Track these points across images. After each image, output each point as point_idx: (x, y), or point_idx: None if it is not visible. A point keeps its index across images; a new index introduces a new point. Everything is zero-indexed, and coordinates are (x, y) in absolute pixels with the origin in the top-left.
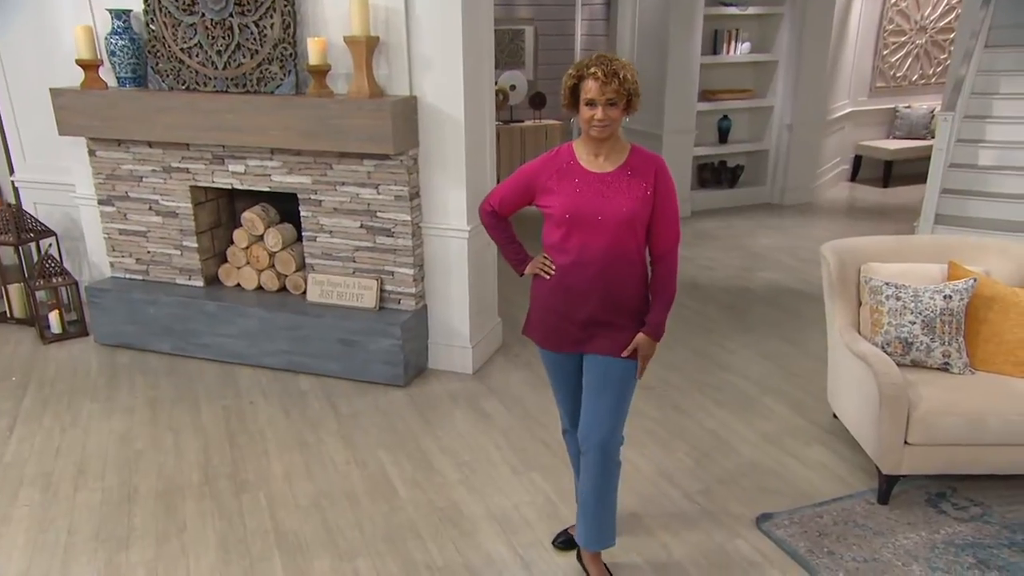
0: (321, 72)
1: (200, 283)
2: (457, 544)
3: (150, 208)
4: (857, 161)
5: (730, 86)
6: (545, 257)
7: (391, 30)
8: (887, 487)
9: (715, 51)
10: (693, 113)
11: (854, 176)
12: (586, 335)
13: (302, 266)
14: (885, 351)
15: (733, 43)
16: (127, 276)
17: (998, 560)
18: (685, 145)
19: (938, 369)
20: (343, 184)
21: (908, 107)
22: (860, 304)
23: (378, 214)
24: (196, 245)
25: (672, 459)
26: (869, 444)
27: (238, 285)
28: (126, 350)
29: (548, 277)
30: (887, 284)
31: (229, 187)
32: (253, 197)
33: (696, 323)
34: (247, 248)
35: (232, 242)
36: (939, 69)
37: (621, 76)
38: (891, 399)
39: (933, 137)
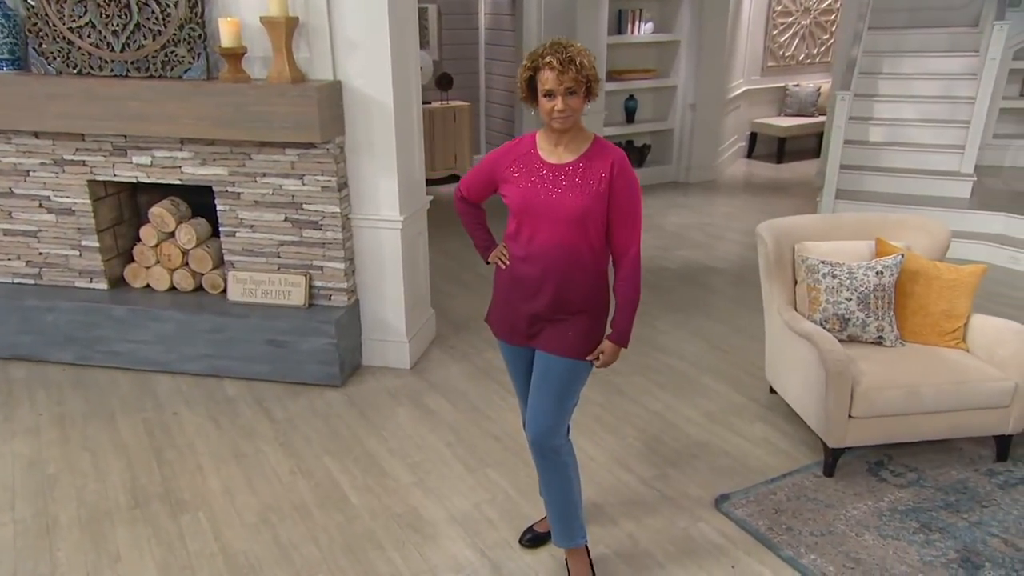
0: (236, 55)
1: (104, 285)
2: (421, 551)
3: (40, 205)
4: (753, 138)
5: (635, 66)
6: (504, 247)
7: (311, 11)
8: (833, 460)
9: (619, 31)
10: (601, 93)
11: (750, 153)
12: (535, 329)
13: (220, 263)
14: (823, 328)
15: (637, 23)
16: (15, 281)
17: (938, 522)
18: (595, 125)
19: (872, 343)
20: (264, 175)
21: (797, 85)
22: (796, 282)
23: (304, 206)
24: (97, 244)
25: (623, 445)
26: (814, 420)
27: (148, 286)
28: (21, 362)
29: (503, 267)
30: (823, 263)
31: (134, 181)
32: (160, 191)
33: None
34: (157, 246)
35: (139, 240)
36: (823, 49)
37: (578, 63)
38: (837, 376)
39: (821, 114)
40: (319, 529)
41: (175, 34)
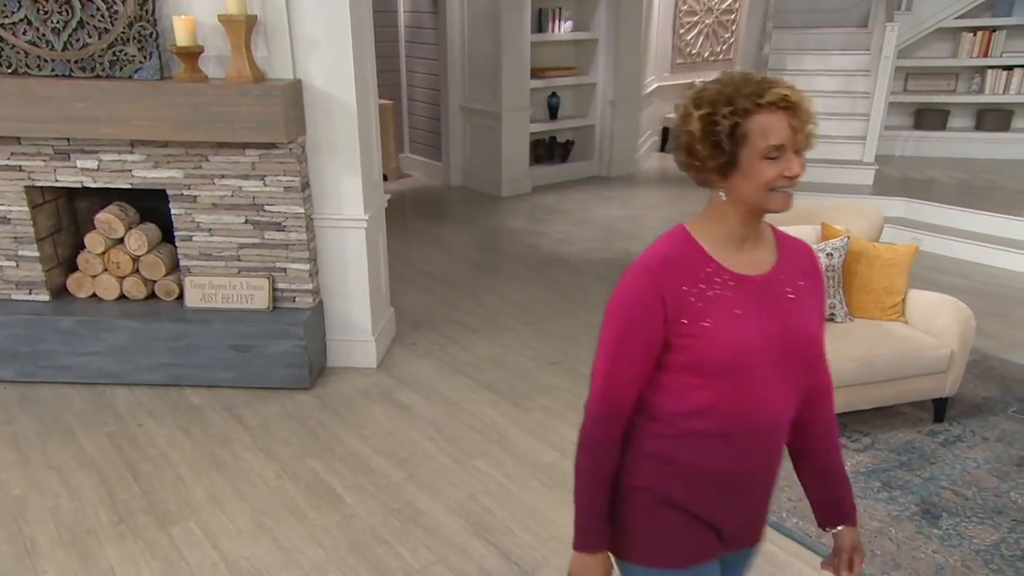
0: (192, 54)
1: (45, 297)
2: (427, 544)
3: None
4: (665, 133)
5: (556, 63)
6: (666, 441)
7: (270, 9)
8: None
9: (540, 29)
10: (527, 91)
11: (663, 147)
12: (739, 530)
13: (174, 269)
14: None
15: (557, 21)
16: None
17: (897, 480)
18: (522, 122)
19: (826, 320)
20: (222, 177)
21: (703, 82)
22: None
23: (266, 207)
24: (37, 254)
25: None
26: None
27: (94, 296)
28: None
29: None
30: None
31: (79, 186)
32: (102, 196)
33: (577, 296)
34: (104, 253)
35: (83, 247)
36: (725, 47)
37: (807, 103)
38: None
39: None
40: (319, 530)
41: (124, 32)
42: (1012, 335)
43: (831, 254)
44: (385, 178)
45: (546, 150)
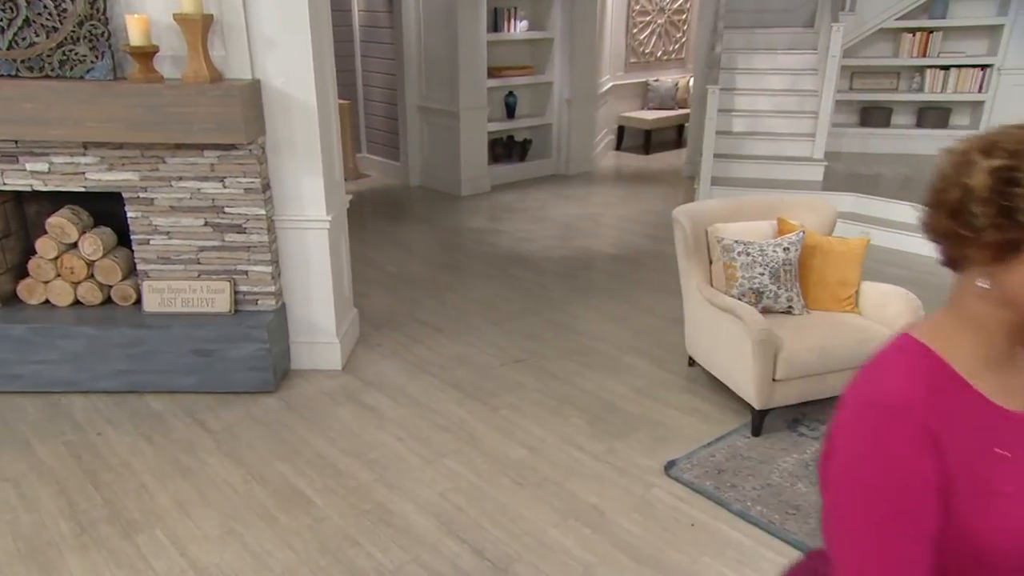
0: (146, 54)
1: None
2: (399, 543)
3: None
4: (621, 131)
5: (512, 63)
6: None
7: (226, 7)
8: (760, 421)
9: (496, 29)
10: (484, 90)
11: (619, 145)
12: None
13: (130, 273)
14: (741, 301)
15: (512, 21)
16: None
17: None
18: (480, 121)
19: (784, 313)
20: (180, 179)
21: (657, 81)
22: (711, 262)
23: (226, 209)
24: None
25: (569, 425)
26: (742, 386)
27: (47, 302)
28: None
29: None
30: (737, 242)
31: (28, 189)
32: (51, 199)
33: (538, 294)
34: (56, 259)
35: (34, 253)
36: (677, 47)
37: None
38: (762, 344)
39: (680, 107)
40: (289, 533)
41: (74, 31)
42: None
43: (787, 248)
44: (344, 179)
45: (504, 149)
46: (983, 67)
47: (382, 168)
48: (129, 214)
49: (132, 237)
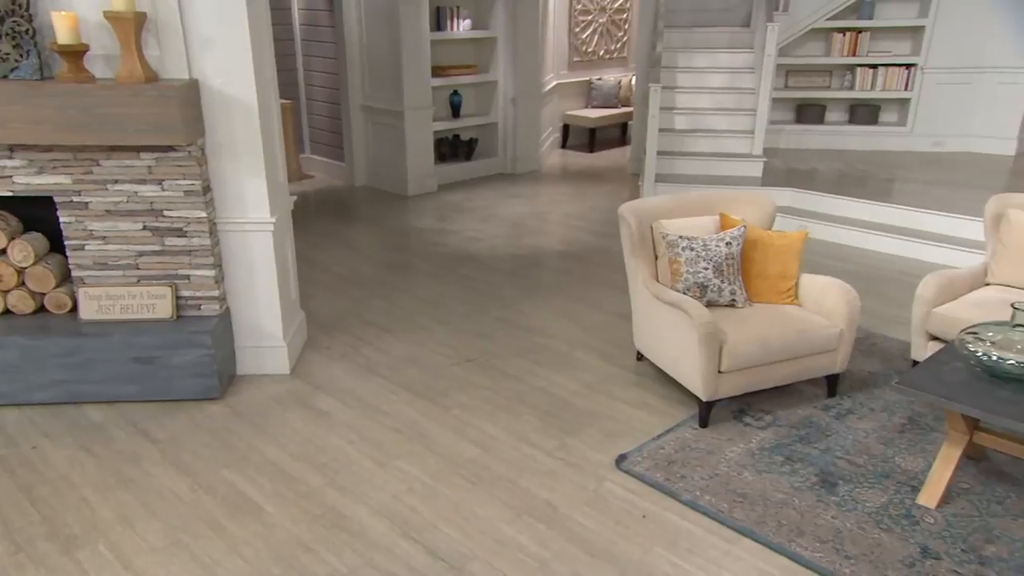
0: (75, 53)
1: None
2: (353, 547)
3: None
4: (566, 130)
5: (456, 62)
6: None
7: (160, 6)
8: (706, 413)
9: (439, 28)
10: (429, 89)
11: (564, 143)
12: None
13: (65, 280)
14: (686, 296)
15: (455, 20)
16: None
17: (797, 454)
18: (425, 121)
19: (727, 306)
20: (115, 182)
21: (600, 79)
22: (656, 257)
23: (165, 213)
24: None
25: (521, 422)
26: (688, 378)
27: None
28: None
29: None
30: (681, 237)
31: None
32: None
33: (488, 293)
34: None
35: None
36: (619, 45)
37: None
38: (707, 337)
39: (624, 105)
40: (239, 542)
41: None
42: (890, 313)
43: (729, 243)
44: (287, 179)
45: (450, 148)
46: (908, 66)
47: (327, 168)
48: (62, 219)
49: (66, 243)
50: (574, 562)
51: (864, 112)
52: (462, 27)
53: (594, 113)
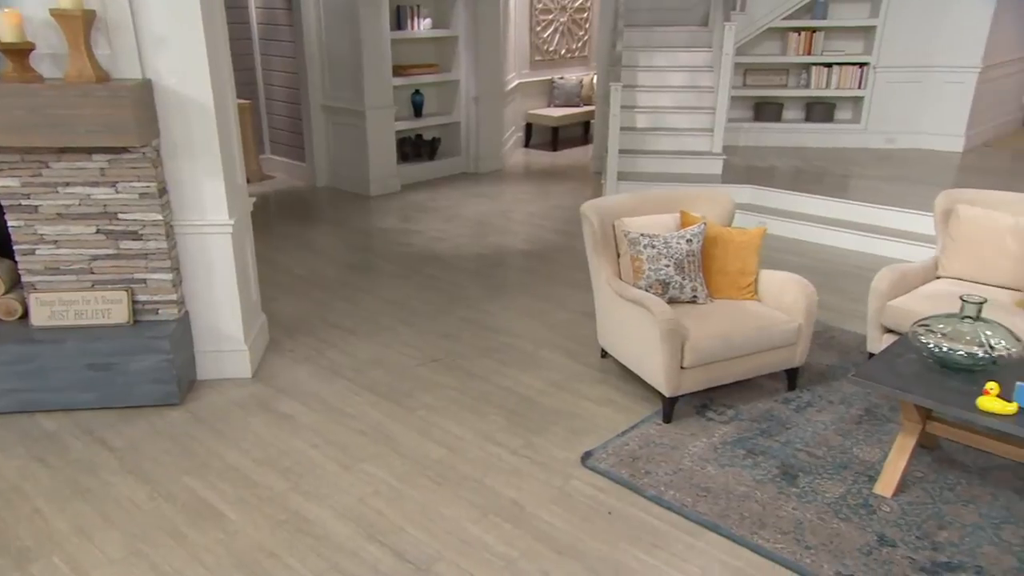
0: (20, 52)
1: None
2: (318, 552)
3: None
4: (528, 128)
5: (417, 61)
6: None
7: (110, 3)
8: (670, 408)
9: (400, 27)
10: (390, 88)
11: (527, 142)
12: None
13: (15, 286)
14: (649, 293)
15: (416, 19)
16: None
17: (759, 447)
18: (386, 120)
19: (688, 302)
20: (67, 185)
21: (562, 78)
22: (619, 255)
23: (120, 216)
24: None
25: (486, 421)
26: (652, 375)
27: None
28: None
29: None
30: (643, 235)
31: None
32: None
33: (452, 293)
34: None
35: None
36: (580, 45)
37: None
38: (670, 333)
39: (585, 104)
40: (200, 550)
41: None
42: (846, 307)
43: (690, 240)
44: (247, 181)
45: (413, 148)
46: (861, 65)
47: (287, 169)
48: (10, 223)
49: (15, 248)
50: (541, 560)
51: (820, 110)
52: (423, 26)
53: (557, 112)
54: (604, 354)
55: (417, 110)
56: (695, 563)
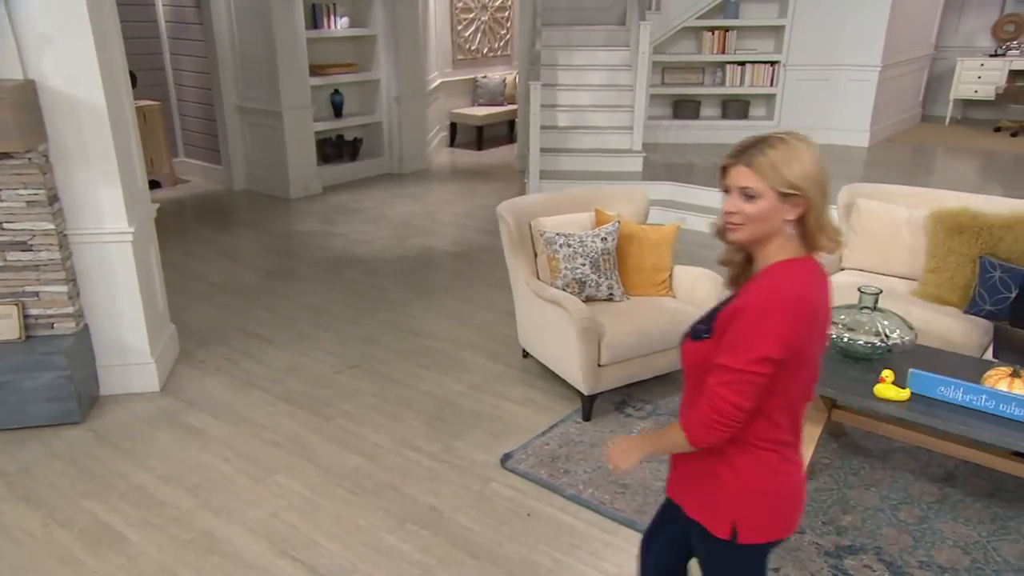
0: None
1: None
2: (227, 571)
3: None
4: (453, 128)
5: (335, 60)
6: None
7: None
8: (589, 406)
9: (316, 26)
10: (307, 88)
11: (452, 142)
12: None
13: None
14: (566, 292)
15: (332, 17)
16: None
17: None
18: (305, 121)
19: (605, 300)
20: None
21: (485, 77)
22: (536, 255)
23: (5, 225)
24: None
25: (405, 427)
26: (571, 373)
27: None
28: None
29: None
30: (558, 235)
31: None
32: None
33: (375, 296)
34: None
35: None
36: (502, 43)
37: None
38: (585, 332)
39: (509, 103)
40: None
41: None
42: None
43: (605, 238)
44: (159, 185)
45: (334, 149)
46: (772, 63)
47: (203, 172)
48: None
49: None
50: (458, 566)
51: (735, 107)
52: (340, 25)
53: (481, 111)
54: (525, 354)
55: (337, 110)
56: (611, 560)
